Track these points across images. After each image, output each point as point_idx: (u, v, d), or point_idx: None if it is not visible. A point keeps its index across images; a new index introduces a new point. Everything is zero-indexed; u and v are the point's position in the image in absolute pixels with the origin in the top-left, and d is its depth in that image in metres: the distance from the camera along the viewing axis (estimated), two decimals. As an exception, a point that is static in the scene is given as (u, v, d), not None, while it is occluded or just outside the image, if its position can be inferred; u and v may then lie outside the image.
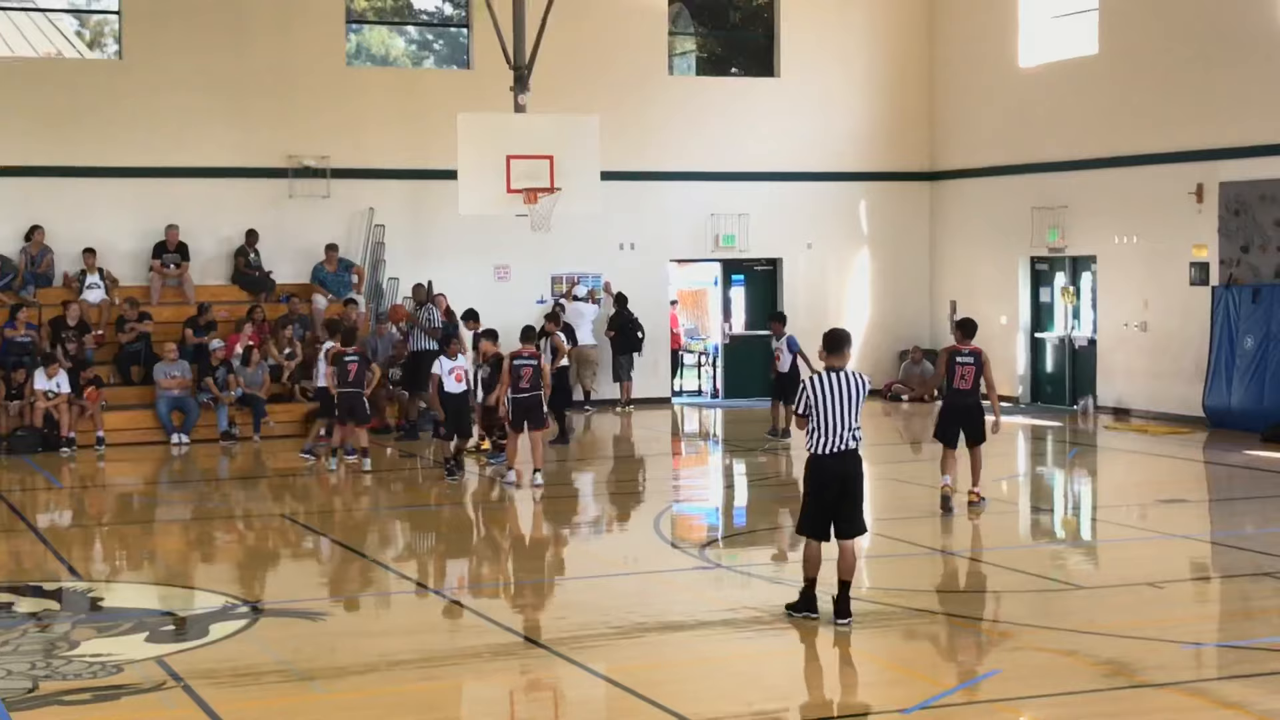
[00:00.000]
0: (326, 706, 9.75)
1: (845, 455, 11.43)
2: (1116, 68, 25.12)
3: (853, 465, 11.51)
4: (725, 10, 30.13)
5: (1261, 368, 22.36)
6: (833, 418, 11.35)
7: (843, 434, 11.37)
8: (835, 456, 11.42)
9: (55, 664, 10.53)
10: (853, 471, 11.53)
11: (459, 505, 18.14)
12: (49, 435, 21.95)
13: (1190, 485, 19.18)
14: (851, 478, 11.53)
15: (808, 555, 11.59)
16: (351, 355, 20.01)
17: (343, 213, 25.96)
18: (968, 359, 16.27)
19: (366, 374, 20.10)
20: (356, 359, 20.03)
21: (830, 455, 11.42)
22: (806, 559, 11.60)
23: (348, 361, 19.95)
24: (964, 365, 16.27)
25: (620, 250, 27.34)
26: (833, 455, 11.41)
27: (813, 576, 11.55)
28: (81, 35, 28.61)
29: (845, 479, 11.49)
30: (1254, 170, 22.62)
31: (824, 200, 28.65)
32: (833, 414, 11.34)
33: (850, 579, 11.49)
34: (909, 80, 29.08)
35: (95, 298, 24.08)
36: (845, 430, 11.37)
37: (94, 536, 16.38)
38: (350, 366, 19.92)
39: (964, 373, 16.28)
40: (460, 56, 27.72)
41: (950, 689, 9.83)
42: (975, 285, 28.11)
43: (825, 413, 11.35)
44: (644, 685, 9.97)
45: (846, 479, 11.50)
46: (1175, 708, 9.52)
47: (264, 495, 19.09)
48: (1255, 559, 13.93)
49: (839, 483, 11.48)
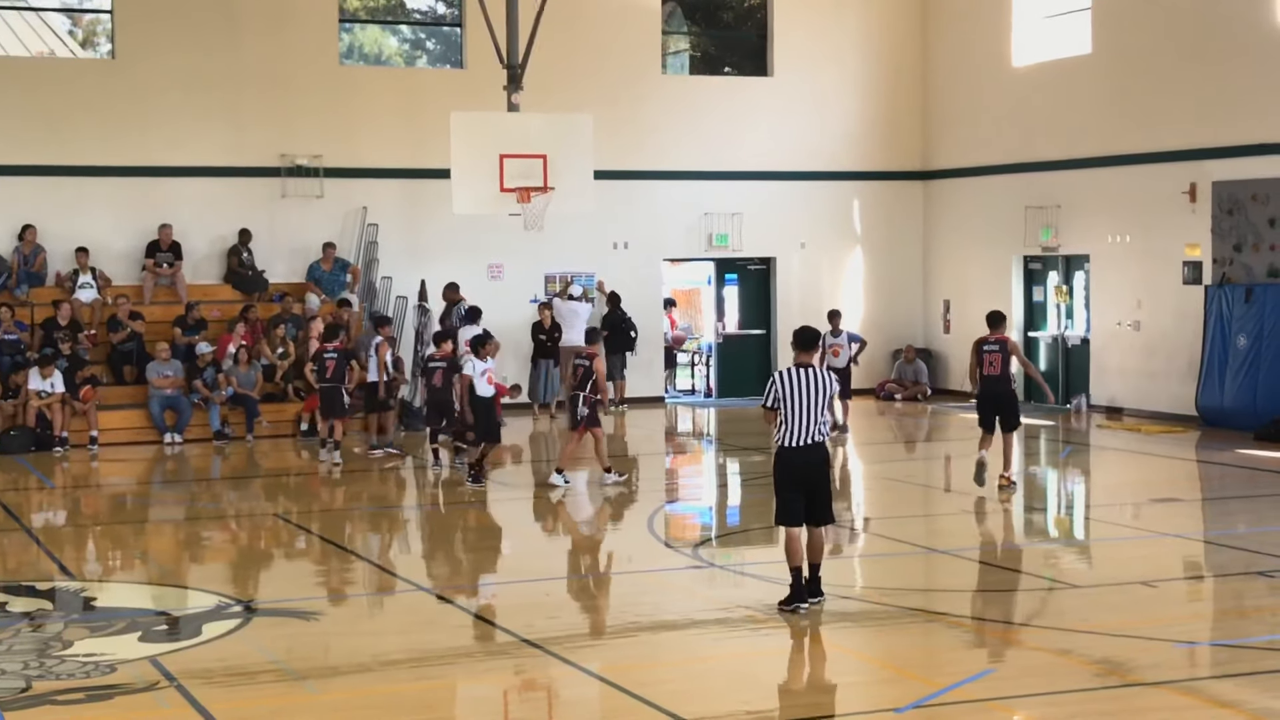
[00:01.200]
0: (320, 706, 9.74)
1: (812, 448, 11.91)
2: (1110, 67, 25.14)
3: (819, 457, 12.00)
4: (718, 9, 30.12)
5: (1254, 367, 22.39)
6: (801, 412, 11.82)
7: (810, 428, 11.85)
8: (803, 449, 11.88)
9: (49, 664, 10.51)
10: (819, 463, 12.01)
11: (453, 505, 18.13)
12: (42, 435, 21.92)
13: (1183, 484, 19.20)
14: (818, 469, 12.01)
15: (789, 545, 11.94)
16: (331, 352, 20.62)
17: (336, 212, 25.94)
18: (994, 347, 17.45)
19: (347, 369, 20.70)
20: (335, 355, 20.57)
21: (798, 448, 11.87)
22: (788, 549, 11.95)
23: (326, 358, 20.54)
24: (991, 353, 17.45)
25: (614, 249, 27.34)
26: (800, 448, 11.87)
27: (797, 565, 11.90)
28: (74, 35, 28.60)
29: (812, 470, 11.95)
30: (1247, 169, 22.64)
31: (817, 199, 28.66)
32: (802, 408, 11.82)
33: (820, 560, 12.04)
34: (902, 80, 29.10)
35: (88, 297, 24.05)
36: (813, 424, 11.85)
37: (87, 536, 16.37)
38: (329, 363, 20.53)
39: (991, 360, 17.45)
40: (453, 55, 27.71)
41: (944, 688, 9.82)
42: (968, 284, 28.12)
43: (794, 407, 11.82)
44: (638, 684, 9.96)
45: (813, 470, 11.96)
46: (1169, 706, 9.52)
47: (257, 495, 19.08)
48: (1248, 558, 13.95)
49: (806, 473, 11.92)
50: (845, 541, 15.39)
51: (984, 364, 17.52)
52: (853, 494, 18.60)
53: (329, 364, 20.55)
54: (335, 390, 20.55)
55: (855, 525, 16.30)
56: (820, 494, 12.00)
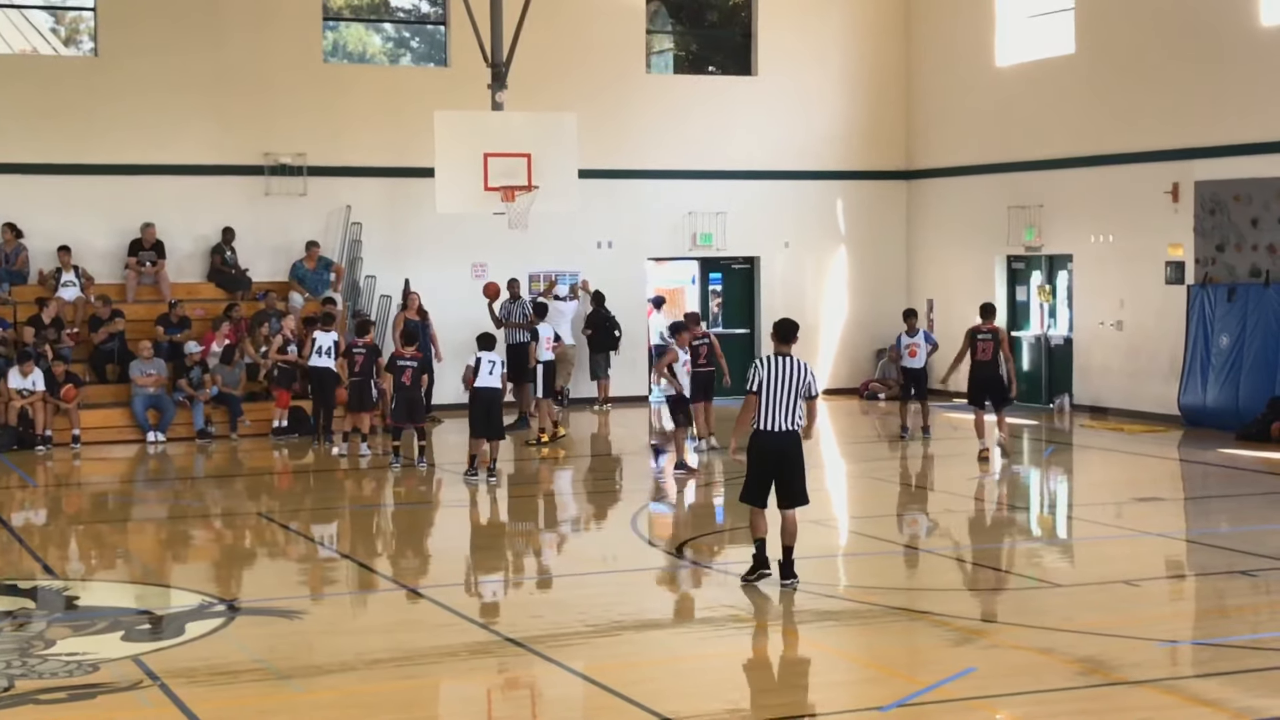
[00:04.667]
0: (304, 705, 9.73)
1: (785, 434, 12.45)
2: (1093, 67, 25.19)
3: (790, 444, 12.52)
4: (703, 9, 30.14)
5: (1236, 367, 22.45)
6: (778, 398, 12.37)
7: (785, 414, 12.41)
8: (775, 435, 12.44)
9: (31, 663, 10.49)
10: (790, 449, 12.52)
11: (435, 504, 18.12)
12: (24, 433, 21.85)
13: (1165, 484, 19.25)
14: (789, 454, 12.52)
15: (753, 521, 12.71)
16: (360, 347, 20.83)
17: (320, 210, 25.91)
18: (987, 336, 20.08)
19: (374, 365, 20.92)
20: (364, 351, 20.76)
21: (771, 433, 12.44)
22: (753, 524, 12.73)
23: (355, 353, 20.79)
24: (984, 341, 20.06)
25: (598, 248, 27.34)
26: (773, 433, 12.43)
27: (761, 538, 12.68)
28: (57, 32, 28.51)
29: (783, 455, 12.50)
30: (1229, 169, 22.70)
31: (801, 199, 28.68)
32: (779, 395, 12.36)
33: (793, 544, 12.54)
34: (886, 79, 29.13)
35: (70, 295, 23.99)
36: (788, 411, 12.41)
37: (69, 535, 16.33)
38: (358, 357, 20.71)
39: (984, 347, 20.06)
40: (438, 54, 27.68)
41: (927, 687, 9.84)
42: (952, 284, 28.17)
43: (772, 393, 12.37)
44: (622, 684, 9.96)
45: (784, 455, 12.50)
46: (1151, 705, 9.55)
47: (240, 494, 19.04)
48: (1230, 557, 13.99)
49: (777, 458, 12.48)
50: (829, 540, 15.40)
51: (977, 350, 20.05)
52: (832, 490, 18.62)
53: (358, 359, 20.74)
54: (364, 384, 20.76)
55: (839, 523, 16.31)
56: (790, 478, 12.51)
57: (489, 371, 18.58)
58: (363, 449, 20.90)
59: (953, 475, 19.19)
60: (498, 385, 18.71)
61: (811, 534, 15.66)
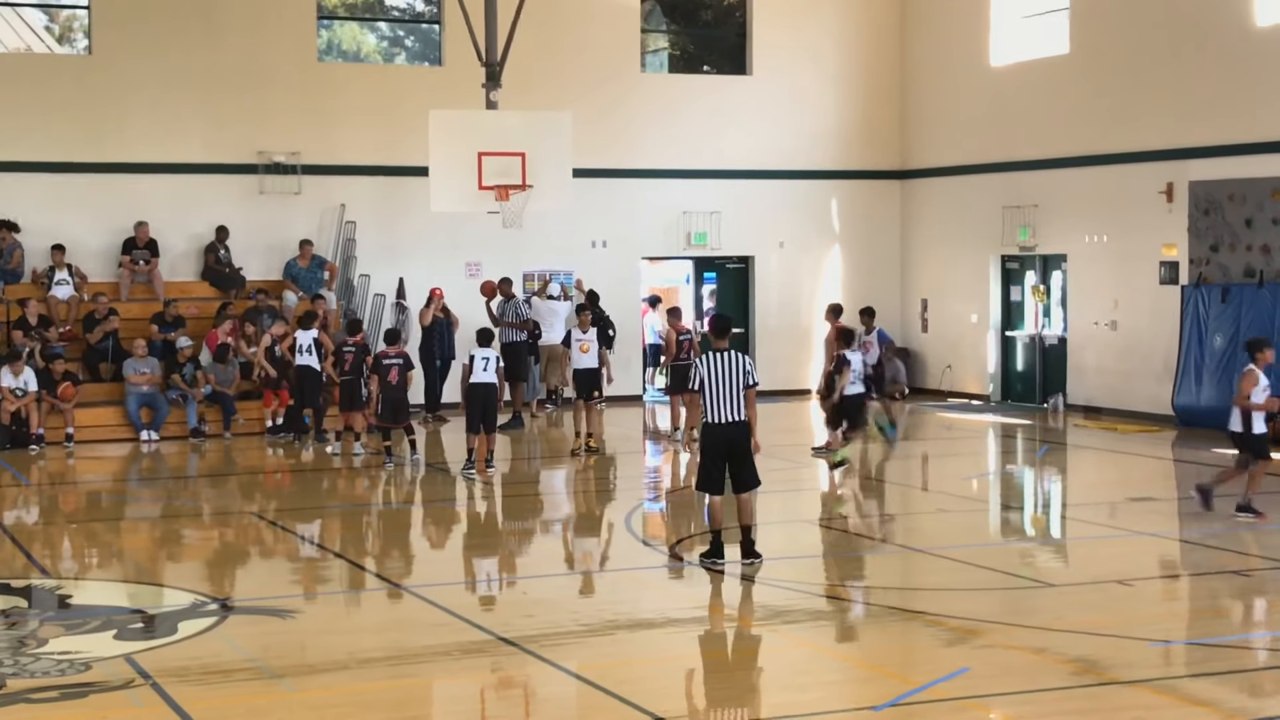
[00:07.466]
0: (296, 704, 9.71)
1: (733, 425, 13.25)
2: (1087, 67, 25.20)
3: (739, 432, 13.30)
4: (698, 8, 30.13)
5: (1230, 367, 22.41)
6: (722, 392, 13.17)
7: (730, 406, 13.18)
8: (724, 426, 13.25)
9: (23, 661, 10.47)
10: (739, 437, 13.31)
11: (427, 503, 18.11)
12: (17, 432, 21.82)
13: (1159, 484, 19.26)
14: (738, 442, 13.31)
15: (710, 510, 13.46)
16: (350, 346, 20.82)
17: (314, 209, 25.89)
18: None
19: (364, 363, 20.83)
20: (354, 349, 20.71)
21: (720, 424, 13.26)
22: (710, 514, 13.48)
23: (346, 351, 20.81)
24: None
25: (592, 248, 27.32)
26: (722, 424, 13.25)
27: (718, 528, 13.38)
28: (51, 31, 28.49)
29: (733, 443, 13.30)
30: (1224, 170, 22.71)
31: (796, 198, 28.68)
32: (722, 388, 13.16)
33: (751, 524, 13.40)
34: (881, 79, 29.13)
35: (64, 294, 23.96)
36: (733, 401, 13.17)
37: (62, 534, 16.30)
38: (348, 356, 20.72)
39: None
40: (432, 53, 27.66)
41: (920, 686, 9.84)
42: (946, 284, 28.17)
43: (715, 388, 13.19)
44: (615, 683, 9.96)
45: (734, 443, 13.30)
46: (1144, 705, 9.55)
47: (233, 493, 19.02)
48: (1223, 557, 14.00)
49: (728, 446, 13.29)
50: (822, 540, 15.40)
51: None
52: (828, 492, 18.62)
53: (348, 357, 20.74)
54: (354, 383, 20.71)
55: (834, 525, 16.31)
56: (740, 463, 13.29)
57: (483, 368, 18.80)
58: (356, 448, 20.88)
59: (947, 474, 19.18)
60: (494, 381, 19.02)
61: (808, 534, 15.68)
